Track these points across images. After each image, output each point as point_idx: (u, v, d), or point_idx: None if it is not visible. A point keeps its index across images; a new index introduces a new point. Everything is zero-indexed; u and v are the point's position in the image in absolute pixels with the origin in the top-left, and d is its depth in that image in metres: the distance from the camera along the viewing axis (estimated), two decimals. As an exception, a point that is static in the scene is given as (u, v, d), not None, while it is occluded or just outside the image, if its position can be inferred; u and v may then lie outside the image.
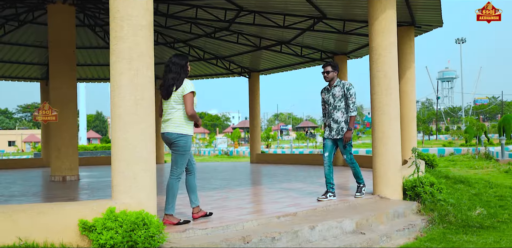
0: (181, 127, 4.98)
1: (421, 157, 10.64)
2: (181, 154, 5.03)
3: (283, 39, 13.66)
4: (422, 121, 30.15)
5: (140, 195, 4.45)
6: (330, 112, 6.65)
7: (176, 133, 4.96)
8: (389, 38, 6.93)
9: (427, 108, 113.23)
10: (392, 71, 6.92)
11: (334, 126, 6.59)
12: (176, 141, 4.97)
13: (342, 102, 6.56)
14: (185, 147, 5.00)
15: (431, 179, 6.89)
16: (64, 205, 4.27)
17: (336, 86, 6.62)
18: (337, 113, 6.58)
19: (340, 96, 6.56)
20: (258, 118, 17.41)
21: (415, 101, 10.69)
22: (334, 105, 6.61)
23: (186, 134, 4.99)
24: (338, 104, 6.58)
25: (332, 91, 6.64)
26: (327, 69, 6.58)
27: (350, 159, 6.67)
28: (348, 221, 5.45)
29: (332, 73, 6.58)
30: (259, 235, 4.68)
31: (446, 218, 6.16)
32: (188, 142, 5.03)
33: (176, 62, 5.04)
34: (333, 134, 6.59)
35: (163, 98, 5.10)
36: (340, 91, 6.56)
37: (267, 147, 37.36)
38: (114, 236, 3.93)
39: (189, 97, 4.93)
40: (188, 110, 4.93)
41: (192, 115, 4.96)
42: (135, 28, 4.47)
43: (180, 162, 5.05)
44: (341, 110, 6.57)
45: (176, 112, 5.00)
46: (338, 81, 6.64)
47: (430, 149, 21.34)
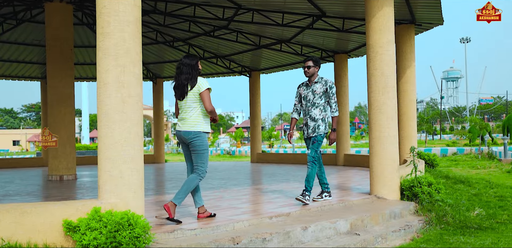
0: (198, 125, 5.04)
1: (421, 156, 10.50)
2: (201, 153, 5.07)
3: (283, 37, 13.55)
4: (425, 120, 29.96)
5: (126, 194, 4.35)
6: (308, 109, 6.29)
7: (193, 132, 5.02)
8: (387, 36, 6.81)
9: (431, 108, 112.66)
10: (389, 70, 6.80)
11: (311, 124, 6.24)
12: (193, 141, 5.03)
13: (322, 100, 6.22)
14: (202, 146, 5.05)
15: (429, 179, 6.77)
16: (48, 205, 4.18)
17: (317, 82, 6.27)
18: (315, 110, 6.23)
19: (321, 93, 6.21)
20: (258, 118, 17.30)
21: (415, 100, 10.55)
22: (313, 102, 6.25)
23: (203, 131, 5.06)
24: (318, 101, 6.22)
25: (312, 87, 6.28)
26: (308, 64, 6.27)
27: (313, 156, 6.17)
28: (342, 221, 5.33)
29: (313, 69, 6.27)
30: (249, 235, 4.57)
31: (443, 218, 6.04)
32: (204, 140, 5.08)
33: (186, 63, 5.11)
34: (309, 132, 6.24)
35: (178, 98, 5.17)
36: (322, 88, 6.22)
37: (270, 147, 37.27)
38: (98, 236, 3.84)
39: (206, 94, 5.02)
40: (207, 107, 5.00)
41: (211, 111, 5.05)
42: (122, 24, 4.38)
43: (200, 162, 5.09)
44: (319, 107, 6.22)
45: (193, 110, 5.06)
46: (319, 77, 6.30)
47: (433, 149, 21.19)
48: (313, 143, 6.19)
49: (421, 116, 31.11)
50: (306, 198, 6.08)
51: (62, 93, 10.89)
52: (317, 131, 6.19)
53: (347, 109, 14.19)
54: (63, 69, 10.90)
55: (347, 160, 13.78)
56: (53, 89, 10.88)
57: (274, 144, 40.09)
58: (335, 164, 14.22)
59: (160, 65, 17.80)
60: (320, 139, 6.19)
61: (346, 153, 13.98)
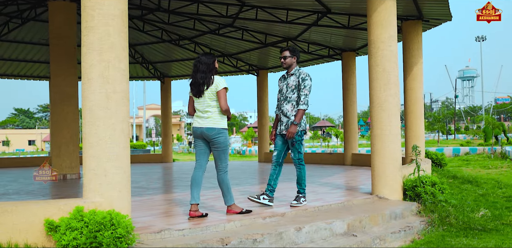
0: (219, 122, 5.12)
1: (428, 156, 10.24)
2: (223, 149, 5.18)
3: (290, 35, 13.37)
4: (438, 120, 29.46)
5: (111, 194, 4.22)
6: (281, 104, 5.81)
7: (217, 129, 5.09)
8: (388, 31, 6.60)
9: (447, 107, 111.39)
10: (391, 66, 6.59)
11: (284, 120, 5.76)
12: (216, 138, 5.11)
13: (294, 94, 5.68)
14: (225, 142, 5.17)
15: (433, 179, 6.55)
16: (29, 204, 4.07)
17: (293, 74, 5.75)
18: (287, 106, 5.72)
19: (293, 87, 5.68)
20: (266, 117, 17.13)
21: (423, 98, 10.29)
22: (285, 96, 5.73)
23: (224, 128, 5.15)
24: (290, 95, 5.70)
25: (287, 80, 5.78)
26: (285, 54, 5.73)
27: (298, 159, 5.78)
28: (339, 222, 5.15)
29: (290, 59, 5.72)
30: (239, 236, 4.42)
31: (446, 220, 5.82)
32: (227, 136, 5.19)
33: (203, 61, 5.13)
34: (282, 129, 5.75)
35: (194, 96, 5.20)
36: (295, 81, 5.69)
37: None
38: (78, 237, 3.71)
39: (223, 93, 5.08)
40: (222, 106, 5.07)
41: (226, 110, 5.11)
42: (106, 18, 4.25)
43: (223, 158, 5.22)
44: (291, 102, 5.69)
45: (212, 108, 5.12)
46: (296, 69, 5.77)
47: (445, 149, 20.82)
48: (292, 145, 5.71)
49: (434, 116, 30.60)
50: (301, 202, 5.84)
51: (65, 91, 10.83)
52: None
53: (354, 108, 13.96)
54: (66, 67, 10.84)
55: (355, 160, 13.55)
56: (56, 88, 10.83)
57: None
58: (342, 163, 14.01)
59: (167, 64, 17.73)
60: (298, 139, 5.70)
61: (354, 153, 13.75)
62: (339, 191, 7.27)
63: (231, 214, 5.24)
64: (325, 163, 14.60)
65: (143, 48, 16.27)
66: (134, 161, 18.35)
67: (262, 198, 5.78)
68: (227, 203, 5.30)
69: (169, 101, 18.57)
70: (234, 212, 5.24)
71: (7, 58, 16.09)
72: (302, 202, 5.81)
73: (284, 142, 5.83)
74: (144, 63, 17.16)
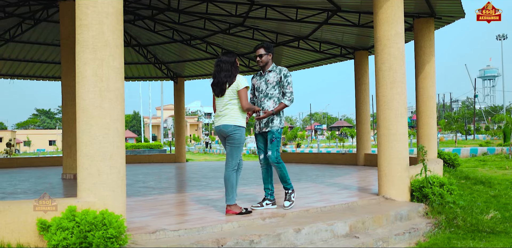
0: (237, 120, 5.16)
1: (441, 156, 10.01)
2: (237, 147, 5.20)
3: (301, 34, 13.24)
4: (455, 120, 28.92)
5: (105, 193, 4.18)
6: (261, 101, 5.58)
7: (232, 125, 5.14)
8: (395, 28, 6.44)
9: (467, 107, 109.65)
10: (398, 63, 6.44)
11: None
12: (232, 134, 5.15)
13: (275, 90, 5.51)
14: (240, 140, 5.17)
15: (441, 179, 6.37)
16: (22, 203, 4.04)
17: (271, 71, 5.57)
18: (268, 102, 5.51)
19: (274, 83, 5.51)
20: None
21: (435, 97, 10.07)
22: (266, 92, 5.54)
23: (241, 126, 5.18)
24: (271, 91, 5.52)
25: (265, 77, 5.59)
26: (260, 52, 5.53)
27: (276, 157, 5.48)
28: (340, 223, 5.02)
29: (266, 56, 5.53)
30: (235, 237, 4.34)
31: (454, 221, 5.65)
32: (243, 134, 5.21)
33: (226, 60, 5.21)
34: (262, 127, 5.54)
35: (217, 95, 5.26)
36: (275, 77, 5.52)
37: (297, 147, 36.89)
38: (68, 237, 3.67)
39: (244, 92, 5.12)
40: (244, 104, 5.13)
41: (248, 108, 5.16)
42: (100, 16, 4.22)
43: (235, 154, 5.21)
44: (273, 99, 5.50)
45: (230, 106, 5.17)
46: (274, 66, 5.60)
47: (462, 149, 20.42)
48: (271, 142, 5.47)
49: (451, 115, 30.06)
50: (292, 199, 5.66)
51: (75, 91, 10.86)
52: (270, 125, 5.48)
53: (367, 108, 13.76)
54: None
55: (367, 160, 13.36)
56: (67, 88, 10.90)
57: (301, 144, 39.72)
58: (355, 164, 13.83)
59: (180, 64, 17.74)
60: (278, 136, 5.51)
61: (367, 153, 13.56)
62: (346, 191, 7.13)
63: (230, 214, 5.15)
64: (338, 163, 14.44)
65: (155, 49, 16.31)
66: (147, 161, 18.45)
67: (265, 204, 5.63)
68: (228, 202, 5.21)
69: (182, 101, 18.57)
70: (234, 212, 5.16)
71: (21, 59, 16.27)
72: (293, 198, 5.66)
73: (265, 142, 5.62)
74: (157, 63, 17.20)
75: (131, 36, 15.09)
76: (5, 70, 17.15)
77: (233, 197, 5.21)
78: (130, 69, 18.22)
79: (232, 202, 5.20)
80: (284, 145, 39.59)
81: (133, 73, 18.73)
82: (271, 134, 5.48)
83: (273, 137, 5.48)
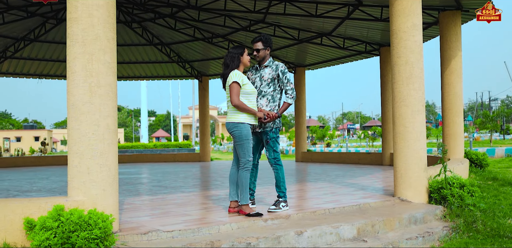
0: (234, 116, 4.97)
1: (468, 156, 9.52)
2: (240, 144, 4.95)
3: (324, 30, 12.91)
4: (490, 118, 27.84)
5: (94, 192, 4.03)
6: None
7: (231, 123, 4.99)
8: (412, 20, 6.09)
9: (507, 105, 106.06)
10: (415, 57, 6.08)
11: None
12: (232, 132, 4.99)
13: (270, 88, 5.14)
14: (240, 137, 4.92)
15: (462, 180, 5.98)
16: (8, 201, 3.93)
17: (267, 66, 5.20)
18: (261, 100, 5.15)
19: (269, 80, 5.13)
20: (303, 115, 16.71)
21: (462, 94, 9.58)
22: (260, 89, 5.16)
23: (239, 122, 4.93)
24: (265, 89, 5.15)
25: (260, 72, 5.22)
26: (257, 47, 5.15)
27: (274, 158, 5.19)
28: (347, 226, 4.74)
29: (264, 51, 5.19)
30: (231, 240, 4.12)
31: (473, 225, 5.26)
32: (243, 131, 4.93)
33: (231, 52, 5.09)
34: (256, 126, 5.17)
35: (223, 88, 5.19)
36: (271, 74, 5.14)
37: (327, 146, 36.39)
38: (51, 237, 3.53)
39: (232, 87, 4.90)
40: (231, 100, 4.91)
41: (236, 105, 4.91)
42: (90, 8, 4.07)
43: (241, 153, 4.97)
44: (266, 96, 5.14)
45: (228, 103, 5.03)
46: (271, 61, 5.24)
47: (497, 149, 19.61)
48: (267, 143, 5.18)
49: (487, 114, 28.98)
50: (281, 207, 5.19)
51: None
52: (263, 125, 5.15)
53: (393, 105, 13.28)
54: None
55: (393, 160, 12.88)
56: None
57: (331, 143, 39.17)
58: (381, 164, 13.41)
59: (205, 63, 17.64)
60: (273, 136, 5.17)
61: (392, 152, 13.08)
62: (361, 192, 6.81)
63: (240, 214, 4.96)
64: (363, 163, 14.05)
65: (178, 47, 16.25)
66: (172, 160, 18.47)
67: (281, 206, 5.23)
68: (240, 202, 5.06)
69: (207, 100, 18.48)
70: (243, 213, 4.97)
71: (48, 59, 16.50)
72: (282, 207, 5.18)
73: (258, 142, 5.32)
74: (180, 62, 17.15)
75: (153, 34, 15.06)
76: (33, 70, 17.44)
77: (244, 197, 5.03)
78: (154, 68, 18.25)
79: (243, 202, 5.02)
80: (314, 144, 39.17)
81: (158, 72, 18.74)
82: (266, 135, 5.18)
83: (268, 138, 5.18)
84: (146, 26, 14.59)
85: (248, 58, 5.14)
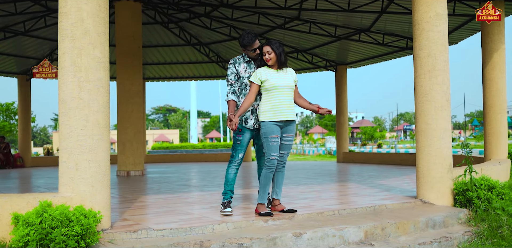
0: (260, 115, 4.85)
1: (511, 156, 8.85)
2: (263, 142, 4.84)
3: (362, 26, 12.47)
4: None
5: (83, 188, 3.97)
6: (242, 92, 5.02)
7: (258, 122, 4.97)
8: (435, 8, 5.68)
9: None
10: (438, 49, 5.66)
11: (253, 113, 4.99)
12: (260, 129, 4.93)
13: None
14: (263, 134, 4.82)
15: (491, 182, 5.51)
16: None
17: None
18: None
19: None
20: (345, 115, 16.26)
21: (505, 90, 8.92)
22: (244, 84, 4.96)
23: (262, 120, 4.82)
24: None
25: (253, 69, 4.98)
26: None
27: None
28: (353, 229, 4.44)
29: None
30: (222, 240, 3.94)
31: (498, 231, 4.81)
32: (262, 129, 4.82)
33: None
34: (254, 123, 4.95)
35: None
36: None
37: (378, 147, 35.43)
38: (30, 233, 3.49)
39: (251, 86, 4.84)
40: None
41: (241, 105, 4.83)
42: (79, 2, 4.01)
43: (265, 151, 4.87)
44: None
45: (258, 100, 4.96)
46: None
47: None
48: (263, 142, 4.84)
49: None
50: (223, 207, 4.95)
51: (130, 90, 11.04)
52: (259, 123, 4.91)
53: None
54: (131, 66, 11.06)
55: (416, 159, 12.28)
56: (121, 86, 11.08)
57: (382, 144, 38.11)
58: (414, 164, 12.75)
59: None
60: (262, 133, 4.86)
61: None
62: (383, 193, 6.44)
63: (255, 213, 4.87)
64: (405, 163, 13.45)
65: (217, 47, 16.25)
66: (213, 160, 18.53)
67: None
68: (259, 201, 4.89)
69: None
70: (257, 211, 4.85)
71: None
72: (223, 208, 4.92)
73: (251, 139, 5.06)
74: (220, 62, 17.15)
75: (191, 34, 15.13)
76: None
77: (260, 195, 4.87)
78: (196, 68, 18.35)
79: (260, 200, 4.87)
80: (364, 145, 38.25)
81: (200, 73, 18.84)
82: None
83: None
84: (183, 26, 14.67)
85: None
